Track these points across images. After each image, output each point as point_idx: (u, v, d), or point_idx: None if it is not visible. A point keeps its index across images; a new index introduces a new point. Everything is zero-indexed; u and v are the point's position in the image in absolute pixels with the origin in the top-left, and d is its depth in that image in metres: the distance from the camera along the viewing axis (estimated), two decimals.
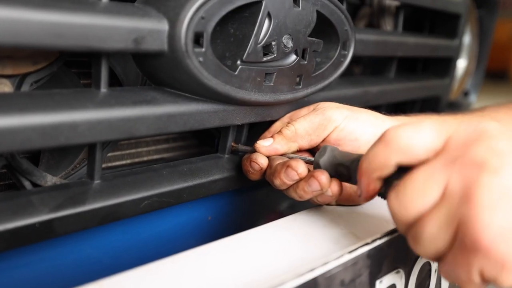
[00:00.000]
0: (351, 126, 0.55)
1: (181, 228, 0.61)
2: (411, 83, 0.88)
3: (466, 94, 1.48)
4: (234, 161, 0.59)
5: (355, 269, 0.39)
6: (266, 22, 0.50)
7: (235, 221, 0.65)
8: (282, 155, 0.55)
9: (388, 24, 0.93)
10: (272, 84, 0.54)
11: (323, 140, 0.56)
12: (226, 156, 0.59)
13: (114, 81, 0.59)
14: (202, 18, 0.44)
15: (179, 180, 0.52)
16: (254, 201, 0.68)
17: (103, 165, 0.62)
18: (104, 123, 0.40)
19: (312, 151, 0.59)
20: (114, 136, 0.42)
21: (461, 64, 1.41)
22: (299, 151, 0.57)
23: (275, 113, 0.59)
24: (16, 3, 0.33)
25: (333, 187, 0.48)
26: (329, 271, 0.36)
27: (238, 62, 0.49)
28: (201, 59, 0.45)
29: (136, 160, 0.67)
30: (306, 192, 0.49)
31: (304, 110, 0.59)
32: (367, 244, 0.40)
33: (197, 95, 0.48)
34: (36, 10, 0.34)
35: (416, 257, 0.48)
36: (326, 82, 0.62)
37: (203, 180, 0.54)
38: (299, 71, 0.56)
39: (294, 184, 0.51)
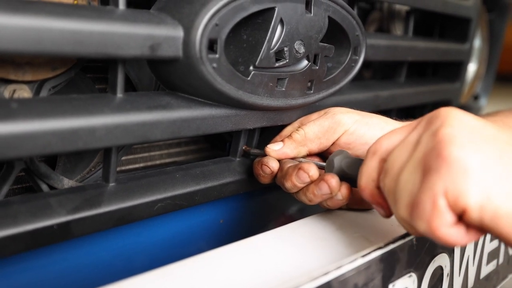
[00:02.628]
0: (361, 130, 0.56)
1: (192, 231, 0.62)
2: (421, 87, 0.89)
3: (476, 97, 1.47)
4: (246, 164, 0.60)
5: (368, 273, 0.39)
6: (279, 28, 0.51)
7: (246, 224, 0.66)
8: (292, 159, 0.56)
9: (398, 29, 0.94)
10: (284, 89, 0.54)
11: (333, 144, 0.57)
12: (238, 159, 0.60)
13: (129, 86, 0.60)
14: (216, 25, 0.45)
15: (192, 183, 0.53)
16: (265, 204, 0.68)
17: (117, 169, 0.63)
18: (121, 128, 0.41)
19: (322, 155, 0.59)
20: (130, 140, 0.43)
21: (471, 67, 1.40)
22: (309, 155, 0.58)
23: (287, 117, 0.59)
24: (38, 12, 0.34)
25: (343, 191, 0.49)
26: (342, 275, 0.36)
27: (251, 67, 0.50)
28: (214, 65, 0.46)
29: (149, 163, 0.68)
30: (316, 195, 0.50)
31: (314, 115, 0.60)
32: (380, 248, 0.41)
33: (211, 100, 0.49)
34: (58, 18, 0.35)
35: (428, 261, 0.48)
36: (337, 87, 0.62)
37: (215, 183, 0.55)
38: (310, 76, 0.57)
39: (304, 187, 0.51)
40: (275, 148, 0.56)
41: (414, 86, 0.87)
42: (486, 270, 0.64)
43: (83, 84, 0.55)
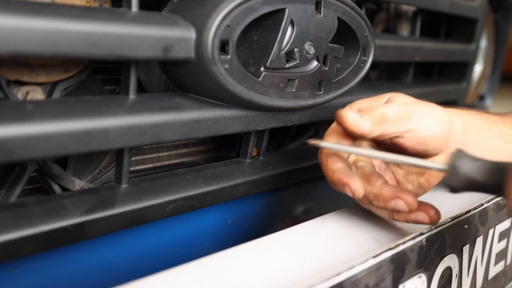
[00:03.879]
0: (434, 125, 0.50)
1: (201, 231, 0.62)
2: (428, 88, 0.89)
3: (482, 98, 1.47)
4: (256, 165, 0.60)
5: (379, 274, 0.39)
6: (289, 29, 0.51)
7: (255, 225, 0.66)
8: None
9: (404, 29, 0.94)
10: (294, 90, 0.54)
11: (405, 132, 0.49)
12: (248, 161, 0.60)
13: (138, 88, 0.60)
14: (228, 26, 0.45)
15: (203, 184, 0.53)
16: (273, 205, 0.68)
17: None
18: (134, 129, 0.42)
19: (382, 143, 0.53)
20: (143, 141, 0.43)
21: (477, 68, 1.40)
22: (372, 141, 0.53)
23: (297, 118, 0.59)
24: (54, 14, 0.34)
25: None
26: (354, 276, 0.36)
27: (262, 68, 0.50)
28: (226, 66, 0.46)
29: (157, 164, 0.68)
30: (407, 220, 0.47)
31: (374, 100, 0.54)
32: (390, 249, 0.41)
33: (222, 101, 0.49)
34: (73, 20, 0.35)
35: (437, 262, 0.48)
36: (347, 87, 0.62)
37: (226, 184, 0.55)
38: (320, 77, 0.57)
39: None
40: (353, 115, 0.47)
41: (421, 86, 0.87)
42: (494, 271, 0.64)
43: (93, 85, 0.56)
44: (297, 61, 0.53)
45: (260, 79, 0.50)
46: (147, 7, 0.51)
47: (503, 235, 0.65)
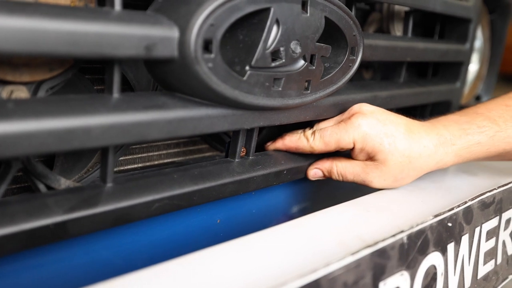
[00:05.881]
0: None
1: (189, 231, 0.62)
2: (421, 88, 0.89)
3: (478, 98, 1.47)
4: (244, 165, 0.60)
5: (358, 271, 0.39)
6: (275, 28, 0.51)
7: (244, 224, 0.66)
8: None
9: (397, 29, 0.94)
10: (280, 89, 0.55)
11: None
12: (237, 160, 0.60)
13: (127, 87, 0.60)
14: (212, 25, 0.45)
15: (190, 183, 0.53)
16: (263, 204, 0.69)
17: (115, 169, 0.64)
18: (117, 128, 0.42)
19: None
20: (126, 140, 0.43)
21: (473, 68, 1.40)
22: None
23: (284, 117, 0.59)
24: (33, 12, 0.35)
25: None
26: (331, 273, 0.36)
27: (247, 67, 0.50)
28: (210, 65, 0.46)
29: (147, 164, 0.68)
30: None
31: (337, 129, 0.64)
32: (369, 246, 0.41)
33: (207, 100, 0.49)
34: (52, 19, 0.36)
35: (420, 260, 0.48)
36: (335, 87, 0.62)
37: (213, 183, 0.55)
38: (307, 76, 0.57)
39: None
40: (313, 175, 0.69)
41: (414, 86, 0.87)
42: (483, 270, 0.64)
43: (82, 85, 0.56)
44: (283, 60, 0.53)
45: (245, 78, 0.50)
46: (135, 7, 0.51)
47: (491, 233, 0.65)
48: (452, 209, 0.54)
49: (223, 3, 0.45)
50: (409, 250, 0.47)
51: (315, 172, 0.68)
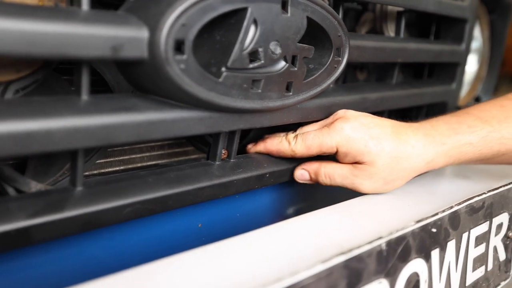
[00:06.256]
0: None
1: (168, 235, 0.61)
2: (414, 89, 0.87)
3: (477, 99, 1.45)
4: (225, 168, 0.59)
5: (330, 280, 0.38)
6: (252, 28, 0.50)
7: (226, 229, 0.65)
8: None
9: (391, 30, 0.92)
10: (260, 91, 0.53)
11: None
12: (217, 163, 0.59)
13: (107, 89, 0.59)
14: (183, 25, 0.44)
15: (165, 187, 0.51)
16: (245, 208, 0.67)
17: (95, 172, 0.63)
18: (81, 131, 0.41)
19: None
20: (93, 143, 0.42)
21: (472, 69, 1.38)
22: None
23: (266, 120, 0.58)
24: None
25: None
26: (299, 282, 0.35)
27: (223, 69, 0.49)
28: (182, 66, 0.45)
29: (130, 166, 0.67)
30: None
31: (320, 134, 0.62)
32: (343, 253, 0.39)
33: (181, 102, 0.48)
34: (11, 18, 0.35)
35: (401, 267, 0.47)
36: (319, 88, 0.61)
37: (190, 187, 0.54)
38: (288, 78, 0.56)
39: None
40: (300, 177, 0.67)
41: (406, 88, 0.85)
42: (473, 276, 0.62)
43: (58, 86, 0.55)
44: (262, 61, 0.52)
45: (221, 80, 0.49)
46: (109, 6, 0.50)
47: (481, 239, 0.63)
48: (437, 214, 0.52)
49: (196, 3, 0.44)
50: (389, 257, 0.46)
51: (301, 173, 0.66)
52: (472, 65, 1.37)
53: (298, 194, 0.77)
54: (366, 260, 0.42)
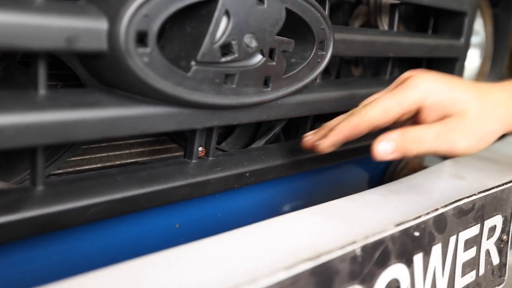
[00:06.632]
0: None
1: (143, 236, 0.59)
2: None
3: None
4: (201, 167, 0.57)
5: None
6: (224, 20, 0.47)
7: (206, 229, 0.63)
8: None
9: (385, 24, 0.89)
10: (234, 86, 0.51)
11: None
12: (193, 161, 0.57)
13: (80, 83, 0.57)
14: (146, 16, 0.41)
15: (135, 186, 0.49)
16: (226, 208, 0.65)
17: (70, 169, 0.61)
18: (37, 127, 0.38)
19: None
20: (50, 140, 0.40)
21: (474, 64, 1.34)
22: None
23: (243, 116, 0.55)
24: None
25: None
26: None
27: (193, 62, 0.46)
28: (146, 59, 0.42)
29: (107, 164, 0.65)
30: None
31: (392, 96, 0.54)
32: (310, 259, 0.37)
33: (147, 97, 0.46)
34: None
35: (379, 273, 0.44)
36: (301, 84, 0.58)
37: (163, 186, 0.52)
38: (266, 72, 0.53)
39: None
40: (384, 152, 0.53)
41: None
42: (462, 282, 0.59)
43: (24, 80, 0.53)
44: (236, 55, 0.49)
45: (190, 74, 0.46)
46: None
47: (471, 243, 0.60)
48: (419, 217, 0.50)
49: None
50: (364, 263, 0.43)
51: (383, 147, 0.51)
52: (474, 60, 1.33)
53: (284, 193, 0.74)
54: (338, 266, 0.39)
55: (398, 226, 0.46)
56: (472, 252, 0.61)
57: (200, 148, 0.57)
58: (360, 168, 0.97)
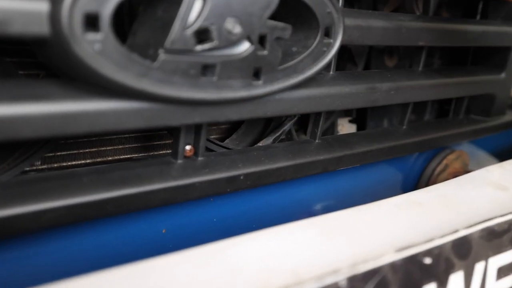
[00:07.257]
0: None
1: (128, 241, 0.54)
2: (445, 79, 0.73)
3: None
4: (187, 168, 0.50)
5: None
6: (199, 1, 0.41)
7: (195, 235, 0.57)
8: None
9: (421, 9, 0.78)
10: (215, 78, 0.44)
11: None
12: (179, 161, 0.51)
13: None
14: None
15: (102, 189, 0.44)
16: (216, 213, 0.59)
17: (56, 165, 0.57)
18: None
19: None
20: None
21: None
22: None
23: (232, 112, 0.49)
24: None
25: None
26: None
27: (160, 50, 0.40)
28: (97, 46, 0.36)
29: (98, 159, 0.61)
30: None
31: None
32: None
33: (108, 90, 0.40)
34: None
35: None
36: (301, 77, 0.50)
37: (137, 190, 0.46)
38: (256, 63, 0.46)
39: None
40: None
41: (434, 77, 0.71)
42: None
43: (1, 69, 0.49)
44: (215, 42, 0.42)
45: (156, 64, 0.40)
46: None
47: (506, 270, 0.50)
48: (432, 240, 0.41)
49: None
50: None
51: None
52: None
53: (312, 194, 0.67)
54: None
55: (400, 251, 0.38)
56: (508, 282, 0.51)
57: (188, 147, 0.51)
58: (393, 170, 0.88)
